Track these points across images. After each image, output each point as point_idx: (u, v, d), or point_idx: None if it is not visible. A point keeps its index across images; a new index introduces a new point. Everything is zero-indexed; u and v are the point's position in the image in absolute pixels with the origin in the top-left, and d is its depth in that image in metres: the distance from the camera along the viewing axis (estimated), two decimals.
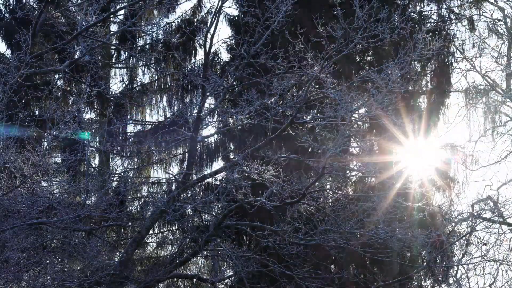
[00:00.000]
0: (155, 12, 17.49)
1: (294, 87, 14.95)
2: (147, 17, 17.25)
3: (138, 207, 17.18)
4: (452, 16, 18.60)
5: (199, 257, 16.75)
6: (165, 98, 17.90)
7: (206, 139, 16.66)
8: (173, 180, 15.97)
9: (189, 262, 16.18)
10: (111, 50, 17.77)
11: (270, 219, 14.47)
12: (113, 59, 17.93)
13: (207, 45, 14.36)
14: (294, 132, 12.90)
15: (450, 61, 18.30)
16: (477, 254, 14.58)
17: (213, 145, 17.35)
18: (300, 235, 13.68)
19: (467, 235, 14.74)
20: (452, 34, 18.33)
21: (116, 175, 16.13)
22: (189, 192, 15.53)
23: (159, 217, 14.60)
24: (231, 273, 16.14)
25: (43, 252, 12.09)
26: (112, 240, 16.68)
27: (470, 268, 14.40)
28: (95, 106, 17.58)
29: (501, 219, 15.68)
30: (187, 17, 17.55)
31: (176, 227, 16.87)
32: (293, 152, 13.85)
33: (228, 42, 17.02)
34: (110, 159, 17.02)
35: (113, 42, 17.32)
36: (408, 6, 17.46)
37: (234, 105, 15.26)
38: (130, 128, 17.83)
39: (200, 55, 17.46)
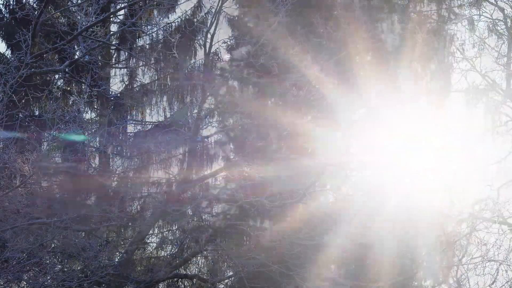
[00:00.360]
0: (155, 12, 17.47)
1: (294, 87, 14.93)
2: (147, 17, 17.23)
3: (138, 207, 17.17)
4: (452, 16, 18.58)
5: (199, 257, 16.74)
6: (165, 98, 17.88)
7: (206, 139, 16.65)
8: (173, 180, 15.96)
9: (189, 262, 16.17)
10: (111, 50, 17.75)
11: (270, 219, 14.45)
12: (113, 59, 17.91)
13: (207, 45, 14.37)
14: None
15: (450, 61, 18.28)
16: (477, 254, 14.58)
17: (213, 145, 17.34)
18: (300, 235, 13.66)
19: (467, 235, 14.71)
20: (452, 34, 18.31)
21: (116, 175, 16.12)
22: (189, 192, 15.52)
23: (159, 217, 14.59)
24: (231, 273, 16.14)
25: (43, 252, 12.08)
26: (112, 240, 16.67)
27: (470, 268, 14.39)
28: (95, 106, 17.56)
29: (501, 219, 15.65)
30: (187, 17, 17.52)
31: (176, 227, 16.86)
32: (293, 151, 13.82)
33: (228, 42, 17.00)
34: (110, 159, 17.01)
35: (113, 42, 17.30)
36: (408, 6, 17.43)
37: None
38: (130, 128, 17.82)
39: (200, 55, 17.45)
